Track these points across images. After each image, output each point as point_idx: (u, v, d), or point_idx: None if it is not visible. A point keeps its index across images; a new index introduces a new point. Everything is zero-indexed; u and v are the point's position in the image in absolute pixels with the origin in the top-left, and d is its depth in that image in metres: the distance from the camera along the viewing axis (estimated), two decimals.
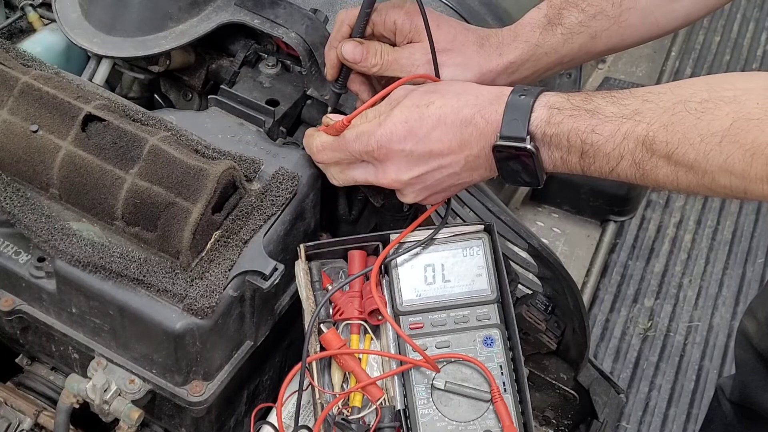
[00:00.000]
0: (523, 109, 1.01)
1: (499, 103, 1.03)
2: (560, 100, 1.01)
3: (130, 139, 1.09)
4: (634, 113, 0.96)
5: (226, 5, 1.31)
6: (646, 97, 0.97)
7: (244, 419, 1.30)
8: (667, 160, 0.94)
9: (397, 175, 1.08)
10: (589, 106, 0.99)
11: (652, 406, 2.25)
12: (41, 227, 1.10)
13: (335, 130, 1.11)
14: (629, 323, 2.38)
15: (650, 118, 0.95)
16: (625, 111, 0.97)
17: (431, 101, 1.06)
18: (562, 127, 0.99)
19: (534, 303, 1.41)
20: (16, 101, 1.12)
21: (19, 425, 1.24)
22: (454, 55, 1.17)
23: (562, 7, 1.18)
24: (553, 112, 1.00)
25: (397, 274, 1.13)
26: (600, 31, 1.18)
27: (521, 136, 1.00)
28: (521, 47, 1.18)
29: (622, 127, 0.96)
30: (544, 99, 1.02)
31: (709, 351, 2.35)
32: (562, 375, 1.48)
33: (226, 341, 1.13)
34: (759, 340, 1.64)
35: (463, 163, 1.06)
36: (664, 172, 0.95)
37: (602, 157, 0.98)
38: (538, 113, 1.01)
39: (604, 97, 1.00)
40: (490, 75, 1.18)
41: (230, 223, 1.11)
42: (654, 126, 0.94)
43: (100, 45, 1.30)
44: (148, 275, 1.07)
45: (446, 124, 1.04)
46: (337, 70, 1.20)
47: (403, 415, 1.07)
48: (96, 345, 1.15)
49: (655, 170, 0.96)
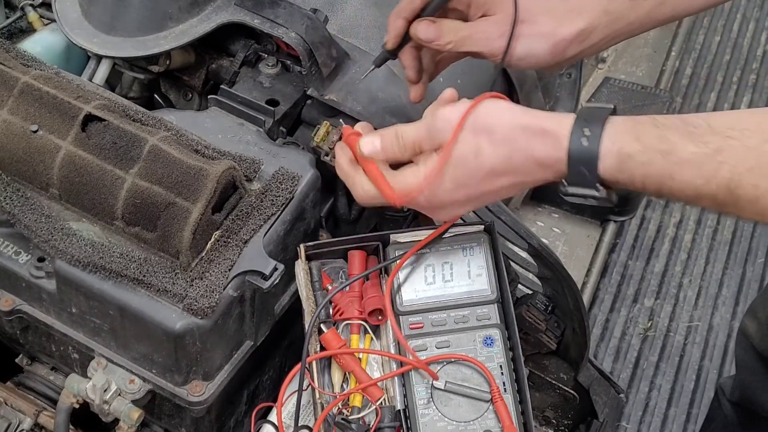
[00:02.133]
0: (589, 158, 0.93)
1: (556, 146, 0.95)
2: (630, 143, 0.92)
3: (130, 139, 1.09)
4: (716, 152, 0.88)
5: (226, 5, 1.31)
6: (729, 133, 0.89)
7: (244, 419, 1.30)
8: (753, 204, 0.88)
9: (448, 216, 1.07)
10: (663, 147, 0.90)
11: (652, 406, 2.24)
12: (41, 227, 1.10)
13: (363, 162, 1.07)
14: (629, 323, 2.38)
15: (735, 159, 0.88)
16: (706, 150, 0.89)
17: (479, 149, 0.98)
18: (636, 174, 0.92)
19: (534, 303, 1.41)
20: (16, 101, 1.12)
21: (19, 425, 1.24)
22: (528, 26, 1.14)
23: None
24: (624, 159, 0.92)
25: (397, 274, 1.13)
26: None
27: (591, 185, 0.94)
28: (591, 14, 1.15)
29: (704, 169, 0.89)
30: (611, 142, 0.93)
31: (709, 351, 2.35)
32: (562, 375, 1.48)
33: (226, 341, 1.13)
34: (759, 340, 1.64)
35: (518, 189, 1.03)
36: (749, 213, 0.89)
37: (681, 197, 0.92)
38: (606, 163, 0.93)
39: (679, 129, 0.91)
40: (562, 44, 1.15)
41: (230, 223, 1.11)
42: (739, 169, 0.87)
43: (100, 45, 1.30)
44: (148, 275, 1.07)
45: (499, 175, 0.99)
46: (399, 40, 1.18)
47: (403, 415, 1.07)
48: (96, 345, 1.15)
49: (739, 211, 0.90)
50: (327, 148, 1.25)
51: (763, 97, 2.88)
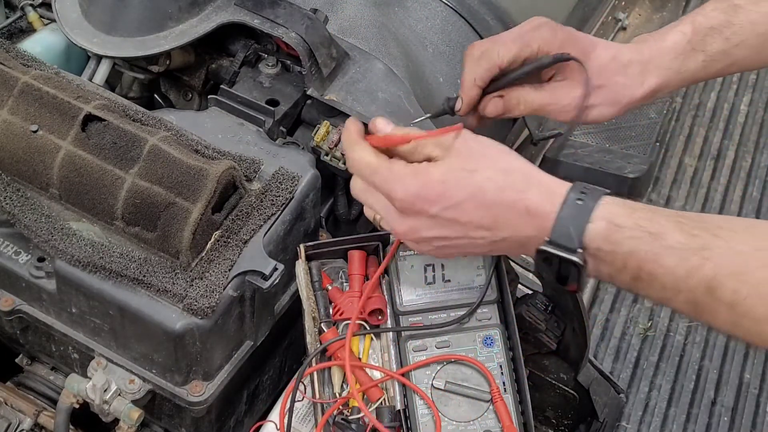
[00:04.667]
0: (579, 217, 0.91)
1: (551, 201, 0.92)
2: (622, 214, 0.91)
3: (130, 139, 1.09)
4: (702, 248, 0.87)
5: (226, 5, 1.31)
6: (716, 232, 0.88)
7: (244, 419, 1.30)
8: (730, 309, 0.86)
9: (412, 229, 0.97)
10: (653, 228, 0.89)
11: (652, 406, 2.24)
12: (41, 227, 1.10)
13: (377, 141, 1.00)
14: (629, 323, 2.38)
15: (719, 259, 0.86)
16: (693, 243, 0.88)
17: (477, 168, 0.94)
18: (620, 248, 0.90)
19: (534, 303, 1.40)
20: (16, 101, 1.12)
21: (19, 425, 1.24)
22: (605, 92, 1.12)
23: (707, 34, 1.14)
24: (613, 228, 0.90)
25: (397, 275, 1.12)
26: (740, 59, 1.15)
27: (572, 247, 0.90)
28: (663, 74, 1.14)
29: (687, 262, 0.87)
30: (604, 209, 0.91)
31: (709, 351, 2.35)
32: (562, 375, 1.47)
33: (226, 341, 1.13)
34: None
35: (490, 240, 0.96)
36: (723, 318, 0.88)
37: (658, 287, 0.90)
38: (595, 225, 0.90)
39: (670, 218, 0.90)
40: (633, 104, 1.15)
41: (230, 223, 1.11)
42: (723, 270, 0.86)
43: (100, 45, 1.30)
44: (148, 275, 1.07)
45: (483, 200, 0.94)
46: (471, 108, 1.15)
47: (403, 415, 1.07)
48: (96, 345, 1.15)
49: (714, 314, 0.88)
50: (327, 147, 1.25)
51: (763, 96, 2.88)
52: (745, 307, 0.85)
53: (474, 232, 0.96)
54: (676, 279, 0.88)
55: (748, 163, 2.77)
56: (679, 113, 2.82)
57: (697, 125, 2.84)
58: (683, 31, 1.16)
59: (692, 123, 2.84)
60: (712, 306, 0.88)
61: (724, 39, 1.14)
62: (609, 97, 1.13)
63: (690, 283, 0.88)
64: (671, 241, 0.88)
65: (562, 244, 0.91)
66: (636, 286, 0.92)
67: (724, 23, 1.14)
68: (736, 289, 0.86)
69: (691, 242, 0.88)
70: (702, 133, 2.82)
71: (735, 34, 1.14)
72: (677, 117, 2.81)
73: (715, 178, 2.72)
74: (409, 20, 1.54)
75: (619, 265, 0.91)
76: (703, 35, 1.15)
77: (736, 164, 2.76)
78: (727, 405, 2.27)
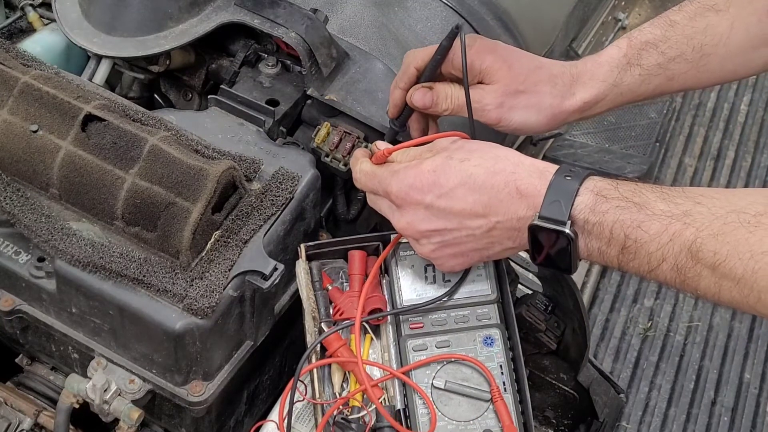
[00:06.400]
0: (567, 191, 0.96)
1: (540, 179, 0.98)
2: (608, 188, 0.96)
3: (130, 139, 1.09)
4: (684, 214, 0.91)
5: (226, 5, 1.31)
6: (698, 200, 0.92)
7: (244, 419, 1.30)
8: (711, 271, 0.89)
9: (410, 224, 1.03)
10: (637, 199, 0.94)
11: (652, 406, 2.25)
12: (41, 227, 1.10)
13: (376, 158, 1.08)
14: (629, 323, 2.38)
15: (700, 223, 0.90)
16: (675, 210, 0.91)
17: (467, 158, 1.01)
18: (607, 218, 0.94)
19: (534, 303, 1.41)
20: (16, 101, 1.12)
21: (19, 425, 1.24)
22: (527, 96, 1.13)
23: (642, 48, 1.15)
24: (599, 199, 0.95)
25: (397, 274, 1.13)
26: (678, 74, 1.16)
27: (562, 219, 0.95)
28: (597, 86, 1.15)
29: (670, 227, 0.91)
30: (590, 183, 0.96)
31: (709, 351, 2.35)
32: (562, 375, 1.47)
33: (226, 341, 1.13)
34: None
35: (486, 229, 1.00)
36: (706, 282, 0.90)
37: (644, 255, 0.93)
38: (583, 198, 0.95)
39: (654, 190, 0.95)
40: (562, 115, 1.16)
41: (230, 223, 1.11)
42: (703, 233, 0.89)
43: (100, 45, 1.30)
44: (148, 275, 1.07)
45: (474, 185, 0.99)
46: (399, 109, 1.18)
47: (403, 414, 1.07)
48: (96, 345, 1.15)
49: (697, 279, 0.90)
50: (327, 149, 1.26)
51: (763, 96, 2.88)
52: (726, 268, 0.88)
53: (469, 221, 1.00)
54: (660, 245, 0.91)
55: (748, 163, 2.77)
56: (679, 113, 2.82)
57: (697, 125, 2.85)
58: (619, 45, 1.17)
59: (692, 123, 2.85)
60: (695, 270, 0.90)
61: (659, 53, 1.15)
62: (531, 102, 1.14)
63: (674, 248, 0.91)
64: (656, 210, 0.92)
65: (553, 217, 0.96)
66: (623, 259, 0.95)
67: (660, 38, 1.15)
68: (716, 250, 0.88)
69: (674, 209, 0.92)
70: (702, 133, 2.82)
71: (671, 48, 1.15)
72: (677, 117, 2.81)
73: (715, 178, 2.72)
74: (409, 20, 1.54)
75: (606, 236, 0.95)
76: (639, 49, 1.16)
77: (736, 164, 2.76)
78: (727, 405, 2.27)
